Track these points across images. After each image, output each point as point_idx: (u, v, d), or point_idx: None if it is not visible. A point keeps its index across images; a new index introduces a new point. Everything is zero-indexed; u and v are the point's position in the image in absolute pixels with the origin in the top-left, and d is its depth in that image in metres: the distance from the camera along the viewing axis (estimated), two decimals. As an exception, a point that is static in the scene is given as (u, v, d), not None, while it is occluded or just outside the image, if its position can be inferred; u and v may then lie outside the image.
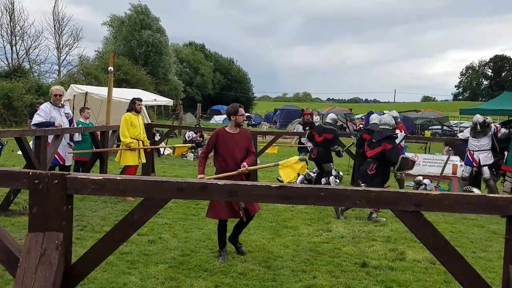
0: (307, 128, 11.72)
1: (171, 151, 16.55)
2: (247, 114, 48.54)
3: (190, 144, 10.14)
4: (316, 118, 12.87)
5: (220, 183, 2.30)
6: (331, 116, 9.69)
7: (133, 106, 7.97)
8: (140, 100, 8.14)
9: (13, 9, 31.36)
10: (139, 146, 7.96)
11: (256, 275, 4.51)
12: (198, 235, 5.82)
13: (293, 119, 35.95)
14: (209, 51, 62.20)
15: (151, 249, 5.13)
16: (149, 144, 8.66)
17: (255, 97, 69.64)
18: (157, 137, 12.45)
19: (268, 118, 42.96)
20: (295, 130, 12.71)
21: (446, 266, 2.28)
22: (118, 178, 2.32)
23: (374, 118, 9.50)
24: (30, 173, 2.27)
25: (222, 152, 5.10)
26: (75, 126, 7.89)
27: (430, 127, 31.99)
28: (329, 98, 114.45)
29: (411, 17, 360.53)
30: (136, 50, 43.13)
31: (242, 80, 62.36)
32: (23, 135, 6.26)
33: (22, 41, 32.21)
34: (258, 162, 11.22)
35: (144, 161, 8.27)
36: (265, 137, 19.12)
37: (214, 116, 43.50)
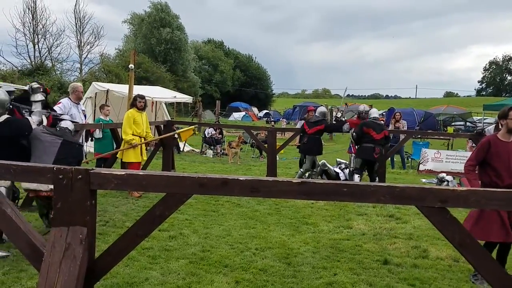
0: None
1: (191, 147, 16.68)
2: (265, 111, 48.68)
3: (193, 126, 10.08)
4: (336, 115, 12.85)
5: (241, 178, 2.29)
6: (320, 109, 9.89)
7: (135, 103, 7.92)
8: (142, 97, 8.05)
9: (35, 8, 31.90)
10: (141, 142, 7.92)
11: (276, 271, 4.50)
12: (218, 231, 5.84)
13: (312, 115, 35.67)
14: (228, 48, 62.32)
15: (172, 245, 5.17)
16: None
17: (274, 93, 69.50)
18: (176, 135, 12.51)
19: (287, 115, 42.78)
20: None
21: (472, 264, 2.23)
22: (140, 173, 2.34)
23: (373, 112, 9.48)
24: (55, 169, 2.30)
25: (495, 165, 4.35)
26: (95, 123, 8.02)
27: (453, 123, 31.35)
28: (348, 95, 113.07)
29: (432, 11, 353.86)
30: (156, 47, 43.45)
31: (262, 77, 62.28)
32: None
33: (45, 39, 32.67)
34: (277, 159, 11.22)
35: (145, 158, 8.19)
36: (284, 134, 19.08)
37: (233, 113, 43.58)
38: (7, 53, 51.00)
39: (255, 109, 49.00)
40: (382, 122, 10.69)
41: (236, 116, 41.83)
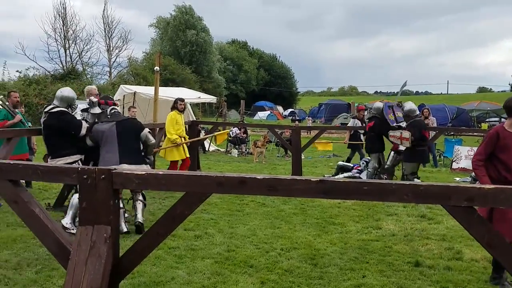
0: (363, 124, 11.59)
1: (216, 147, 16.78)
2: (290, 110, 48.46)
3: (227, 130, 10.45)
4: (364, 113, 12.75)
5: (258, 177, 2.27)
6: (375, 105, 9.92)
7: (176, 105, 8.51)
8: (182, 100, 8.65)
9: (65, 14, 32.88)
10: (182, 141, 8.47)
11: (302, 273, 4.44)
12: (243, 230, 5.84)
13: (339, 113, 35.33)
14: (252, 48, 62.41)
15: (197, 244, 5.21)
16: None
17: (299, 92, 69.18)
18: (202, 134, 12.69)
19: (312, 113, 42.50)
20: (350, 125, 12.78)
21: (503, 264, 2.13)
22: (160, 173, 2.36)
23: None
24: (79, 169, 2.35)
25: (504, 157, 4.02)
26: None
27: (487, 119, 30.35)
28: (376, 91, 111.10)
29: (461, 5, 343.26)
30: (181, 49, 44.01)
31: (286, 75, 62.09)
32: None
33: (75, 44, 33.68)
34: (302, 157, 11.17)
35: (188, 155, 8.69)
36: (310, 132, 18.95)
37: (258, 112, 43.62)
38: (40, 59, 52.78)
39: (280, 108, 48.88)
40: None
41: (261, 115, 41.82)
